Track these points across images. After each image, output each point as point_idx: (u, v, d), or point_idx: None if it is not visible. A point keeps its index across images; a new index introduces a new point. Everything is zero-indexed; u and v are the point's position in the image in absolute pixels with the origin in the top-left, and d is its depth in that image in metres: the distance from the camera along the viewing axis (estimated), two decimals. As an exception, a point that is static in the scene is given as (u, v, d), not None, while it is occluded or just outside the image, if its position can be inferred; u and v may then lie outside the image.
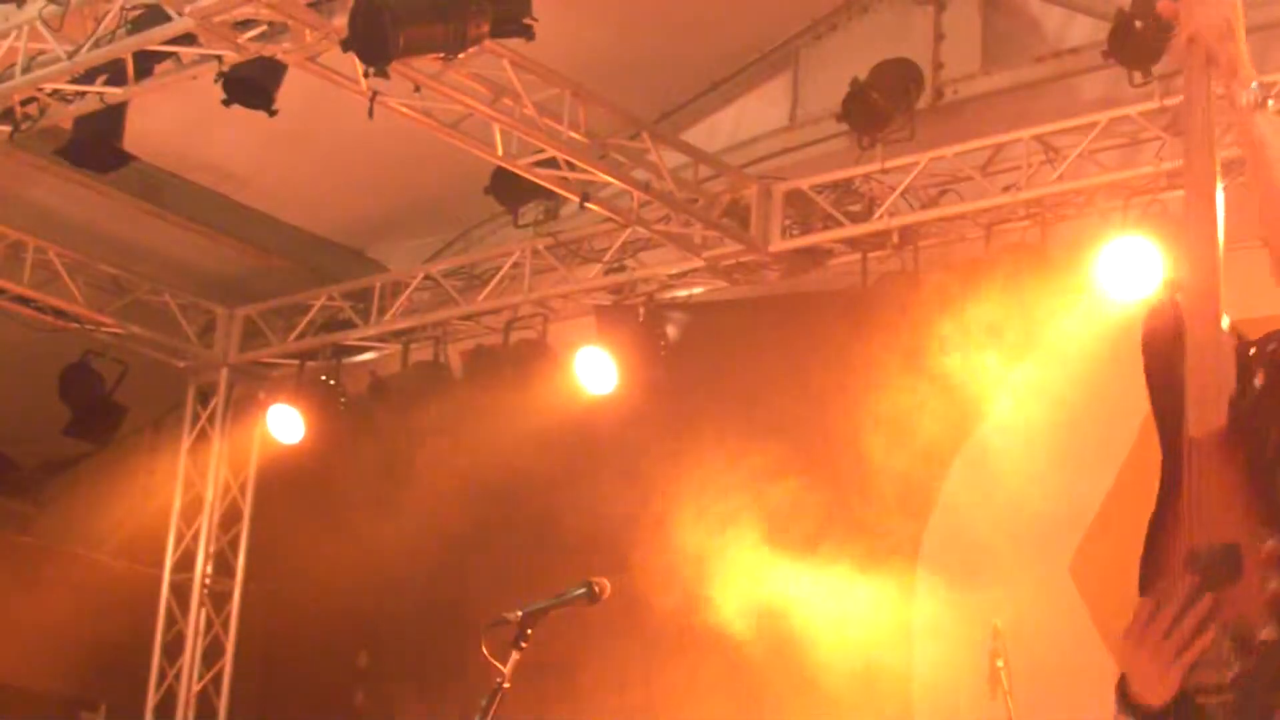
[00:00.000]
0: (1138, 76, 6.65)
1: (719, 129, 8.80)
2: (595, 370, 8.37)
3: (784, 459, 7.43)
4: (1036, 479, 7.31)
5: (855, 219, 7.75)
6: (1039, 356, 7.48)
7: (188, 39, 6.44)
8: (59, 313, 8.97)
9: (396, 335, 9.25)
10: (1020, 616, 6.43)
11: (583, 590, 4.55)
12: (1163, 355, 2.72)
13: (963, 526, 7.62)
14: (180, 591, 9.70)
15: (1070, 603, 6.96)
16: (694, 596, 8.21)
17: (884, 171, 7.52)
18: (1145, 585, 2.55)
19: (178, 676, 9.57)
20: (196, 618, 9.65)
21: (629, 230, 8.12)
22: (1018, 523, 7.33)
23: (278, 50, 6.40)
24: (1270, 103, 2.63)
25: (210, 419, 9.83)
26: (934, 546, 7.68)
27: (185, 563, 9.74)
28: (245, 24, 6.34)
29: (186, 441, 9.85)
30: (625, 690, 8.34)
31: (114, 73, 6.75)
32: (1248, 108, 2.61)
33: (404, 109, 6.85)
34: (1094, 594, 6.88)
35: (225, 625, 9.70)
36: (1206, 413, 2.55)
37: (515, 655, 4.31)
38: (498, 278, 8.78)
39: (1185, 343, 2.65)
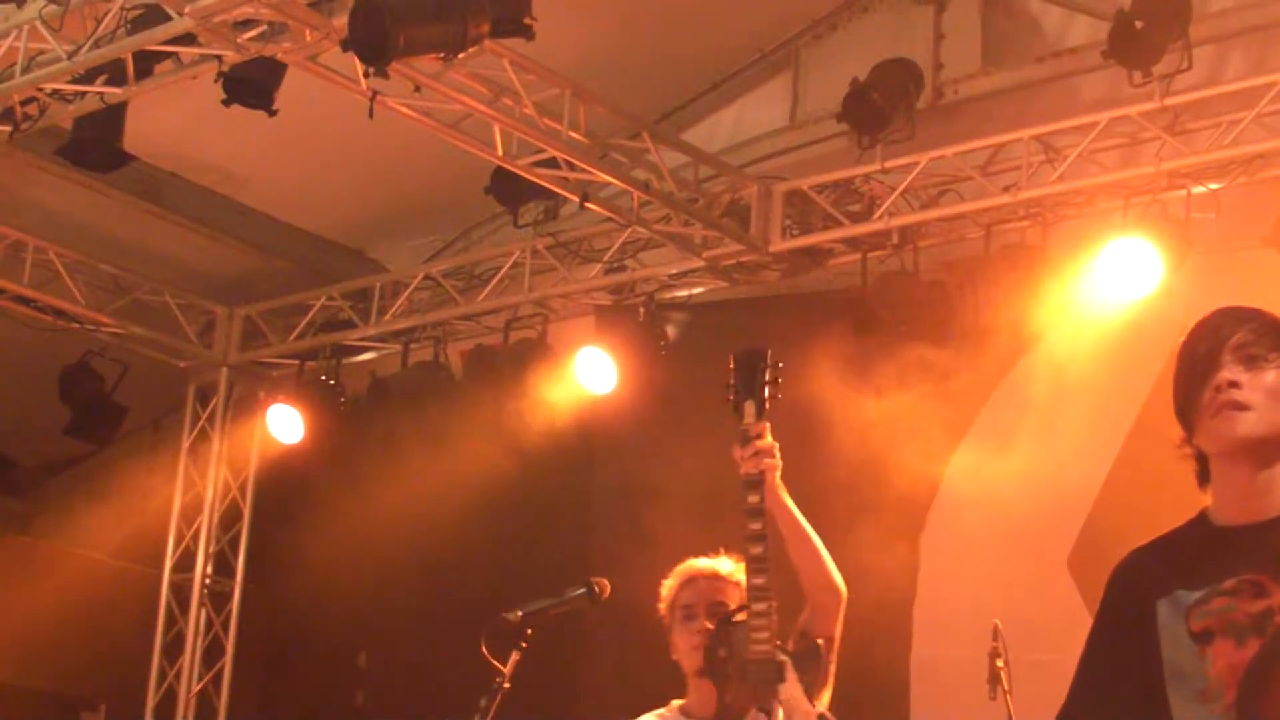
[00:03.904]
0: (1138, 76, 6.64)
1: (719, 129, 8.81)
2: (595, 370, 8.37)
3: (783, 459, 7.42)
4: (1034, 476, 7.32)
5: (855, 219, 7.75)
6: (1038, 356, 7.49)
7: (188, 39, 6.43)
8: (59, 313, 8.96)
9: (396, 335, 9.24)
10: (1018, 613, 6.42)
11: (583, 590, 4.55)
12: None
13: (961, 524, 7.62)
14: (180, 591, 9.70)
15: (1068, 598, 6.96)
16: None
17: (884, 171, 7.51)
18: None
19: (178, 676, 9.57)
20: (196, 618, 9.65)
21: (629, 230, 8.13)
22: (1015, 519, 7.34)
23: (278, 50, 6.39)
24: None
25: (210, 419, 9.82)
26: (933, 544, 7.68)
27: (185, 563, 9.73)
28: (245, 24, 6.33)
29: (186, 441, 9.85)
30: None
31: (114, 73, 6.74)
32: None
33: (404, 109, 6.85)
34: (1092, 589, 6.87)
35: (225, 625, 9.70)
36: None
37: (515, 655, 4.32)
38: (498, 278, 8.78)
39: None
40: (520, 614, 4.36)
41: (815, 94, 8.42)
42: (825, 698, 4.37)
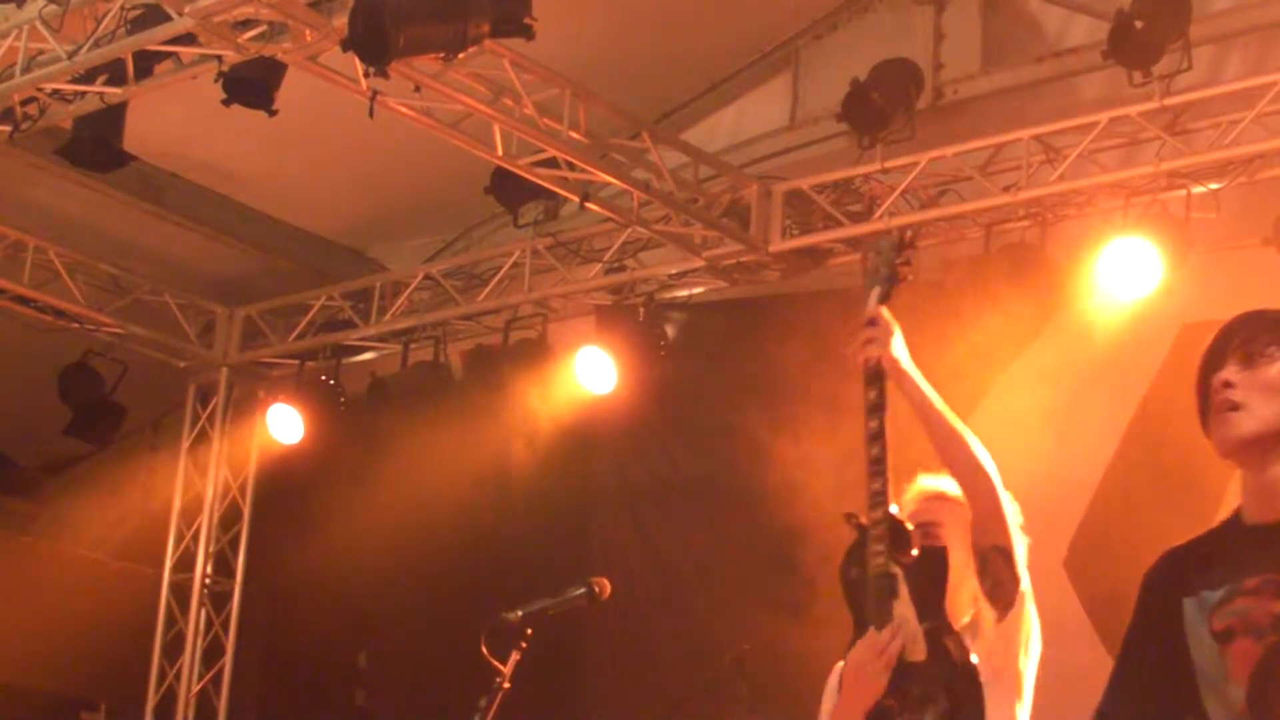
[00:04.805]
0: (1138, 76, 6.64)
1: (719, 129, 8.80)
2: (595, 370, 8.37)
3: (783, 458, 7.43)
4: (1030, 476, 7.31)
5: (855, 219, 7.75)
6: (1036, 356, 7.49)
7: (188, 39, 6.44)
8: (59, 313, 8.96)
9: (396, 335, 9.24)
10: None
11: (583, 590, 4.55)
12: None
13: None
14: (180, 591, 9.69)
15: (1064, 599, 6.96)
16: (687, 595, 8.21)
17: (884, 171, 7.51)
18: None
19: (178, 676, 9.57)
20: (196, 618, 9.65)
21: (629, 230, 8.13)
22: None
23: (278, 50, 6.40)
24: None
25: (210, 419, 9.82)
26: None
27: (185, 563, 9.73)
28: (245, 24, 6.34)
29: (186, 441, 9.85)
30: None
31: (114, 73, 6.75)
32: None
33: (404, 109, 6.85)
34: (1087, 589, 6.88)
35: (225, 625, 9.70)
36: None
37: (515, 655, 4.32)
38: (498, 278, 8.78)
39: None
40: (520, 614, 4.36)
41: (815, 94, 8.41)
42: (1026, 622, 3.82)
